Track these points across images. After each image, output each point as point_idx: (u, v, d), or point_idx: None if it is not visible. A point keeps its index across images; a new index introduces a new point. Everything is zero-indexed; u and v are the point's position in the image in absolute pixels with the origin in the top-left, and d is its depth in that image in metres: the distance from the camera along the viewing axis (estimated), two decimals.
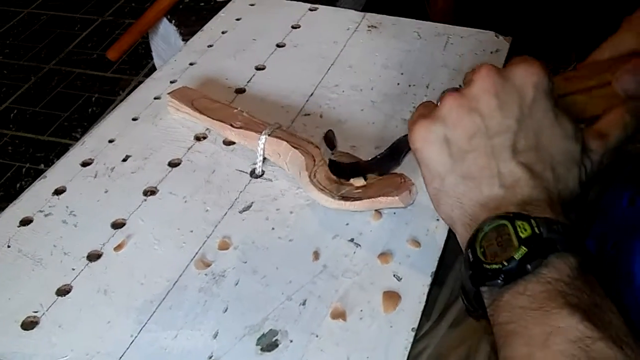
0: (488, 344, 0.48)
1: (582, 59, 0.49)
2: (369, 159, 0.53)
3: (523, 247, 0.35)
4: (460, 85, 0.45)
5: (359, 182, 0.51)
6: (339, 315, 0.45)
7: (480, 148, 0.40)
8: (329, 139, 0.53)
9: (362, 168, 0.53)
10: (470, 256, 0.37)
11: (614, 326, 0.32)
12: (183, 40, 1.04)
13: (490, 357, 0.47)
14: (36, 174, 1.57)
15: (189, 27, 1.01)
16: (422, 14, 0.78)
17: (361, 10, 0.80)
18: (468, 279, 0.38)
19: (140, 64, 1.99)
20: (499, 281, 0.35)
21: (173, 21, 1.14)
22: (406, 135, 0.45)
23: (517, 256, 0.35)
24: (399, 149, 0.51)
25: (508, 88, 0.40)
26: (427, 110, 0.43)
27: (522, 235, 0.35)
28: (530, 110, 0.39)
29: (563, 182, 0.40)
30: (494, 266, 0.35)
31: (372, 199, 0.50)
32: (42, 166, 1.65)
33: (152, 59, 1.45)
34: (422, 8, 1.49)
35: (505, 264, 0.35)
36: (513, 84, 0.40)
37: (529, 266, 0.34)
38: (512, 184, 0.39)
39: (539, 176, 0.39)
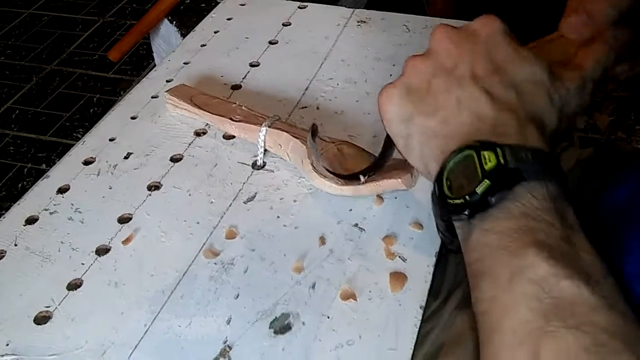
0: None
1: None
2: (374, 158, 0.53)
3: (486, 180, 0.33)
4: None
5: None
6: (349, 296, 0.46)
7: (440, 84, 0.40)
8: (315, 132, 0.54)
9: (370, 169, 0.53)
10: (437, 190, 0.37)
11: (583, 262, 0.31)
12: (182, 41, 1.05)
13: None
14: (38, 174, 1.57)
15: (189, 27, 1.02)
16: (421, 15, 0.79)
17: None
18: (437, 214, 0.38)
19: (141, 65, 2.00)
20: (464, 215, 0.34)
21: (174, 22, 1.15)
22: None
23: (479, 190, 0.34)
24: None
25: (462, 33, 0.41)
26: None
27: (487, 167, 0.34)
28: (487, 44, 0.40)
29: (531, 103, 0.38)
30: (457, 201, 0.35)
31: (375, 182, 0.51)
32: (43, 166, 1.64)
33: (153, 59, 1.46)
34: (422, 9, 1.51)
35: (468, 198, 0.34)
36: (467, 30, 0.41)
37: (492, 199, 0.33)
38: (476, 110, 0.38)
39: (501, 97, 0.38)
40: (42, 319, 0.46)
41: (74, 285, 0.49)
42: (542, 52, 0.43)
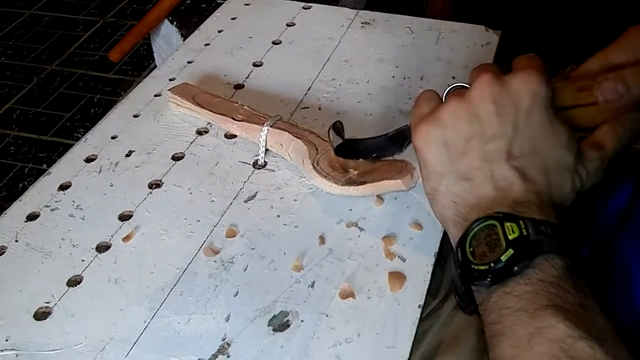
0: None
1: (580, 60, 0.49)
2: (375, 136, 0.53)
3: (510, 249, 0.36)
4: (462, 86, 0.47)
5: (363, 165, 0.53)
6: (348, 294, 0.46)
7: (476, 151, 0.41)
8: (338, 129, 0.54)
9: (368, 146, 0.53)
10: (460, 255, 0.39)
11: (596, 325, 0.33)
12: (184, 41, 1.05)
13: None
14: (38, 174, 1.58)
15: (190, 28, 1.03)
16: (421, 16, 0.79)
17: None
18: (458, 278, 0.39)
19: (142, 65, 2.01)
20: (487, 281, 0.36)
21: (174, 22, 1.15)
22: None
23: (503, 258, 0.36)
24: (404, 136, 0.52)
25: (506, 95, 0.41)
26: (428, 107, 0.45)
27: (510, 237, 0.36)
28: (527, 117, 0.40)
29: (556, 188, 0.41)
30: (482, 267, 0.37)
31: (376, 183, 0.51)
32: (44, 166, 1.65)
33: (153, 60, 1.47)
34: (421, 10, 1.51)
35: (493, 265, 0.36)
36: (510, 92, 0.41)
37: (515, 267, 0.35)
38: (505, 187, 0.40)
39: (531, 180, 0.40)
40: (42, 315, 0.47)
41: (74, 282, 0.49)
42: (570, 116, 0.43)
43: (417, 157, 0.45)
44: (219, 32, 0.79)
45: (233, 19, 0.81)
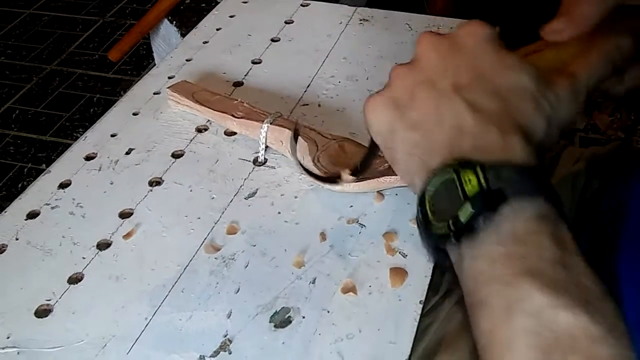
0: None
1: None
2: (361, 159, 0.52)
3: (468, 204, 0.32)
4: None
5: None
6: (350, 289, 0.46)
7: (423, 97, 0.39)
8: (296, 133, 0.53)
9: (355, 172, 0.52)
10: (420, 215, 0.36)
11: (582, 288, 0.30)
12: (184, 38, 1.06)
13: None
14: (38, 174, 1.57)
15: (189, 27, 1.02)
16: (421, 13, 0.80)
17: None
18: (423, 239, 0.36)
19: (141, 65, 2.01)
20: (450, 242, 0.33)
21: (174, 22, 1.15)
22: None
23: (462, 217, 0.32)
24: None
25: (447, 42, 0.40)
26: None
27: (468, 190, 0.32)
28: (472, 54, 0.39)
29: (516, 110, 0.36)
30: (441, 229, 0.33)
31: (376, 179, 0.51)
32: (43, 166, 1.65)
33: (153, 59, 1.47)
34: (422, 9, 1.52)
35: (452, 225, 0.33)
36: (453, 39, 0.40)
37: (476, 225, 0.32)
38: (458, 123, 0.36)
39: (484, 108, 0.36)
40: (43, 312, 0.47)
41: (75, 279, 0.49)
42: (533, 60, 0.42)
43: (368, 133, 0.44)
44: (218, 30, 0.79)
45: (231, 16, 0.81)
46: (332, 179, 0.51)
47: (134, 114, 0.65)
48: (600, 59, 0.41)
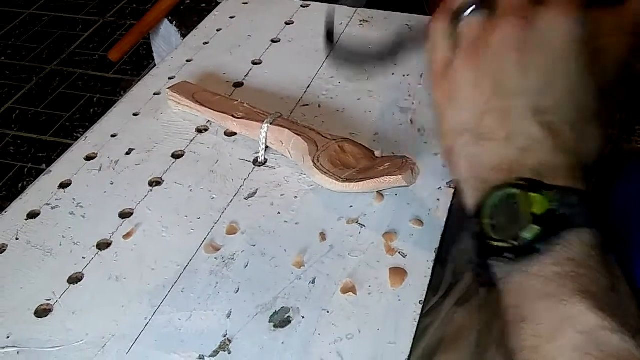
0: (499, 331, 0.47)
1: None
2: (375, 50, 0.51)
3: (534, 226, 0.32)
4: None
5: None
6: (349, 289, 0.46)
7: (498, 109, 0.36)
8: (329, 33, 0.51)
9: (360, 55, 0.50)
10: (477, 227, 0.35)
11: (629, 313, 0.30)
12: (184, 39, 1.06)
13: (501, 345, 0.47)
14: (38, 174, 1.57)
15: (189, 28, 1.02)
16: (421, 14, 0.80)
17: None
18: (474, 250, 0.36)
19: (141, 65, 2.01)
20: (507, 259, 0.33)
21: (174, 22, 1.15)
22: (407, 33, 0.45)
23: (528, 235, 0.32)
24: (398, 48, 0.50)
25: (532, 37, 0.35)
26: (445, 50, 0.39)
27: (534, 211, 0.32)
28: (556, 64, 0.35)
29: (584, 140, 0.35)
30: (501, 244, 0.33)
31: (376, 179, 0.51)
32: (43, 166, 1.66)
33: (153, 59, 1.46)
34: (422, 9, 1.51)
35: (514, 242, 0.32)
36: (540, 31, 0.35)
37: (538, 246, 0.32)
38: (530, 146, 0.35)
39: (560, 135, 0.35)
40: (43, 312, 0.47)
41: (75, 279, 0.49)
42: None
43: (434, 111, 0.41)
44: (218, 30, 0.79)
45: (232, 17, 0.81)
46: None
47: (135, 115, 0.65)
48: None
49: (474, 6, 0.38)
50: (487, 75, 0.36)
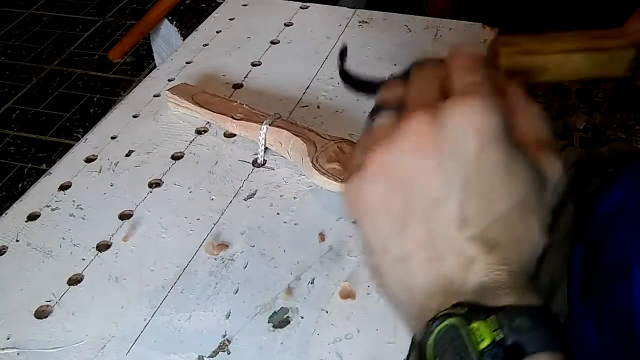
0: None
1: None
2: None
3: None
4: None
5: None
6: (348, 294, 0.46)
7: (420, 222, 0.30)
8: (343, 56, 0.51)
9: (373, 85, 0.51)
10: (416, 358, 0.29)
11: None
12: (184, 41, 1.06)
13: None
14: (38, 174, 1.58)
15: (189, 28, 1.03)
16: (421, 15, 0.80)
17: None
18: None
19: (141, 65, 2.01)
20: None
21: (174, 22, 1.16)
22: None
23: None
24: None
25: (444, 137, 0.30)
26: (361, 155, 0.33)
27: (480, 346, 0.27)
28: (477, 165, 0.30)
29: (524, 241, 0.30)
30: None
31: None
32: (44, 166, 1.66)
33: (153, 59, 1.47)
34: (422, 9, 1.52)
35: None
36: (451, 133, 0.30)
37: None
38: (464, 263, 0.30)
39: (494, 247, 0.30)
40: (42, 313, 0.47)
41: (74, 280, 0.49)
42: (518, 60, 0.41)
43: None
44: (217, 32, 0.79)
45: (231, 19, 0.81)
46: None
47: (134, 117, 0.66)
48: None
49: (382, 109, 0.35)
50: (398, 183, 0.31)
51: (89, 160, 0.60)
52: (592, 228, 0.51)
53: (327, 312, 0.45)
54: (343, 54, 0.49)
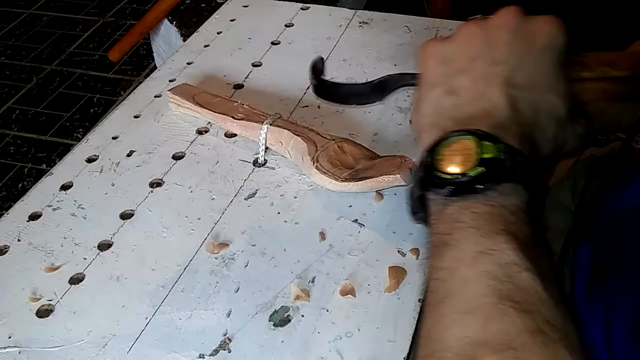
0: None
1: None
2: (356, 83, 0.53)
3: (480, 167, 0.35)
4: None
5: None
6: (349, 292, 0.46)
7: (477, 71, 0.40)
8: (317, 68, 0.51)
9: (346, 92, 0.52)
10: (427, 159, 0.38)
11: (543, 266, 0.33)
12: (184, 41, 1.06)
13: None
14: (38, 174, 1.59)
15: (189, 28, 1.03)
16: (421, 15, 0.80)
17: None
18: (418, 181, 0.38)
19: (141, 65, 2.02)
20: (445, 191, 0.36)
21: (174, 22, 1.16)
22: (397, 74, 0.49)
23: (472, 173, 0.35)
24: (386, 84, 0.52)
25: (524, 29, 0.41)
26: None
27: (484, 156, 0.35)
28: (537, 55, 0.40)
29: (540, 130, 0.40)
30: (446, 176, 0.36)
31: (375, 178, 0.51)
32: (44, 166, 1.66)
33: (153, 59, 1.47)
34: (422, 9, 1.52)
35: (459, 177, 0.35)
36: (530, 27, 0.41)
37: (480, 186, 0.35)
38: (491, 109, 0.39)
39: (519, 112, 0.39)
40: (44, 312, 0.47)
41: (76, 280, 0.49)
42: (583, 86, 0.44)
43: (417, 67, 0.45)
44: (218, 33, 0.79)
45: (232, 20, 0.82)
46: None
47: (135, 117, 0.66)
48: (615, 115, 0.45)
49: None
50: (478, 41, 0.41)
51: (90, 160, 0.61)
52: (604, 227, 0.51)
53: (327, 310, 0.45)
54: (318, 67, 0.51)
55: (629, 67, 0.44)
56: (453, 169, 0.36)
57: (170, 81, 0.71)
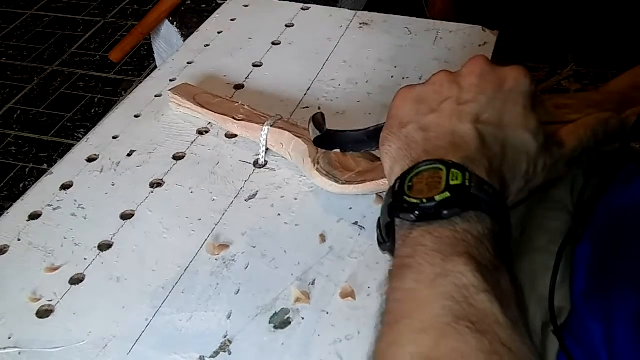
0: None
1: (578, 59, 0.51)
2: (355, 130, 0.54)
3: (447, 192, 0.36)
4: None
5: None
6: (348, 294, 0.47)
7: (447, 110, 0.42)
8: (318, 121, 0.53)
9: (345, 140, 0.53)
10: (397, 186, 0.38)
11: (503, 288, 0.34)
12: (185, 41, 1.06)
13: None
14: (39, 174, 1.59)
15: (190, 28, 1.03)
16: (421, 16, 0.80)
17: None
18: (386, 208, 0.39)
19: (142, 65, 2.02)
20: (412, 216, 0.36)
21: (175, 23, 1.16)
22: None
23: (438, 198, 0.36)
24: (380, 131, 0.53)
25: (492, 75, 0.43)
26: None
27: (452, 182, 0.36)
28: (505, 97, 0.42)
29: (508, 166, 0.41)
30: (413, 200, 0.36)
31: (375, 181, 0.51)
32: (45, 166, 1.66)
33: (154, 60, 1.47)
34: (421, 10, 1.52)
35: (425, 201, 0.36)
36: (498, 74, 0.43)
37: (445, 211, 0.35)
38: (461, 143, 0.40)
39: (488, 146, 0.40)
40: (44, 313, 0.47)
41: (76, 280, 0.49)
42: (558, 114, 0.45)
43: (388, 114, 0.46)
44: (219, 33, 0.79)
45: (232, 20, 0.82)
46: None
47: (136, 117, 0.66)
48: (590, 132, 0.45)
49: None
50: (448, 86, 0.44)
51: (90, 159, 0.61)
52: (603, 226, 0.51)
53: (327, 313, 0.46)
54: (318, 121, 0.52)
55: (614, 108, 0.47)
56: (420, 194, 0.37)
57: (171, 81, 0.71)
